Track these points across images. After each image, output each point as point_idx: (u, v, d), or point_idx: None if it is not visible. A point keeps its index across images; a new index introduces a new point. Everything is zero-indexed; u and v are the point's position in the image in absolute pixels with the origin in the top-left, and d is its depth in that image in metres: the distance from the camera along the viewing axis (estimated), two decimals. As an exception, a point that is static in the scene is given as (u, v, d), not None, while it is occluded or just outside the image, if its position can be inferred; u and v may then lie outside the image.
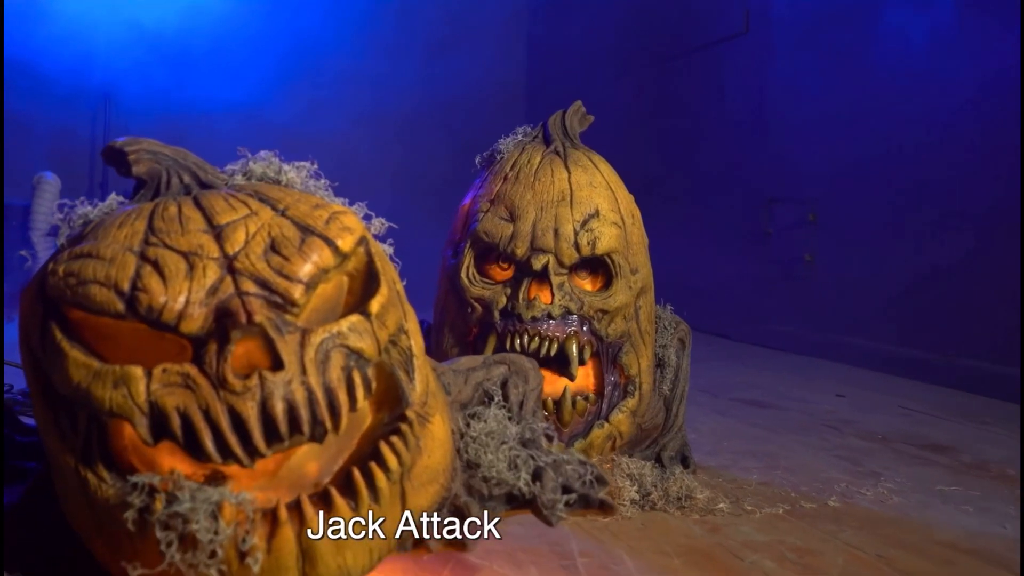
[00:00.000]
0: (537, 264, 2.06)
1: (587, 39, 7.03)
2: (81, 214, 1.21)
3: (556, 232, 2.08)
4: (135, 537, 1.02)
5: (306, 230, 1.13)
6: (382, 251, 1.24)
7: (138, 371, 1.02)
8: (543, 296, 2.08)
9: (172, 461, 1.05)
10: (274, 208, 1.16)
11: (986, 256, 3.79)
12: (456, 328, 2.16)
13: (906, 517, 1.99)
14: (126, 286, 1.04)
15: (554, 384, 2.09)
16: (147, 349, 1.06)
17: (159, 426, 1.01)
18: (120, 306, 1.04)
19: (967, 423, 3.05)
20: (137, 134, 1.30)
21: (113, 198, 1.22)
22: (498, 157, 2.28)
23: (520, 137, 2.30)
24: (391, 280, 1.21)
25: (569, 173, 2.16)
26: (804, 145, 4.93)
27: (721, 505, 1.95)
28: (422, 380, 1.19)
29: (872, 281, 4.42)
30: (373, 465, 1.08)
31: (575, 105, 2.33)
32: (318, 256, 1.11)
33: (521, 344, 2.05)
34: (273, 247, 1.10)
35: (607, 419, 2.11)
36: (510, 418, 1.33)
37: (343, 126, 6.77)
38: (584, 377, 2.15)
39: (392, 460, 1.09)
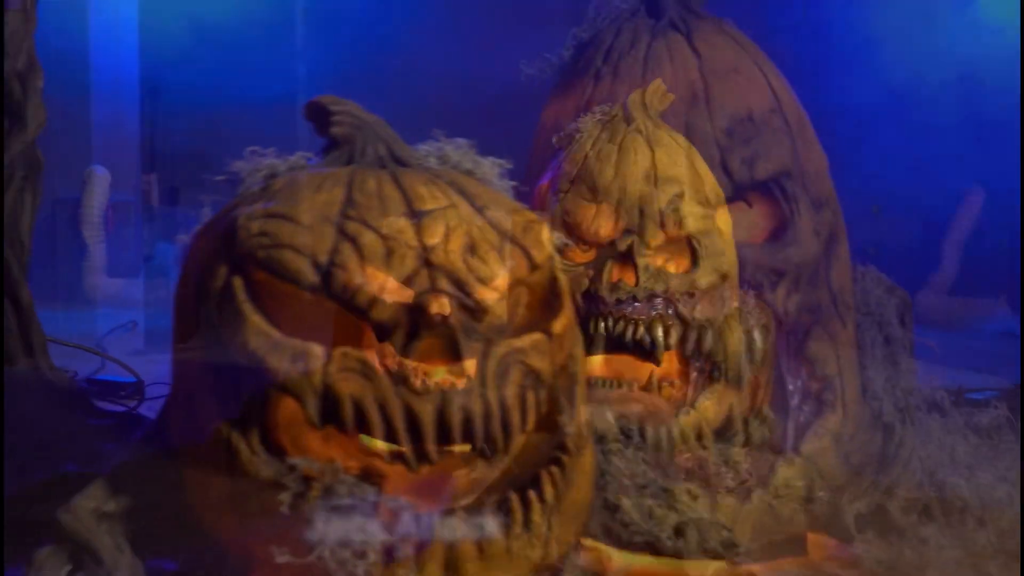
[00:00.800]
0: (622, 245, 1.99)
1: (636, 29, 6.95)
2: (268, 165, 1.15)
3: (641, 212, 2.00)
4: (282, 520, 0.96)
5: (505, 235, 1.09)
6: (562, 268, 1.20)
7: (318, 349, 0.97)
8: (627, 278, 2.00)
9: (325, 448, 1.00)
10: (472, 204, 1.11)
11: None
12: (534, 312, 2.10)
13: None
14: (324, 259, 0.99)
15: (639, 370, 2.01)
16: (323, 326, 1.01)
17: (329, 410, 0.96)
18: (314, 278, 0.99)
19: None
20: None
21: (300, 156, 1.17)
22: (577, 136, 2.21)
23: (599, 116, 2.23)
24: (571, 301, 1.17)
25: (653, 152, 2.08)
26: (866, 136, 4.81)
27: (820, 493, 1.87)
28: (581, 410, 1.15)
29: (939, 276, 4.30)
30: (532, 495, 1.03)
31: (655, 83, 2.25)
32: (514, 265, 1.07)
33: (606, 327, 1.97)
34: (471, 247, 1.05)
35: (693, 406, 2.03)
36: (646, 461, 1.29)
37: (396, 118, 6.73)
38: (669, 362, 2.07)
39: (550, 492, 1.04)
